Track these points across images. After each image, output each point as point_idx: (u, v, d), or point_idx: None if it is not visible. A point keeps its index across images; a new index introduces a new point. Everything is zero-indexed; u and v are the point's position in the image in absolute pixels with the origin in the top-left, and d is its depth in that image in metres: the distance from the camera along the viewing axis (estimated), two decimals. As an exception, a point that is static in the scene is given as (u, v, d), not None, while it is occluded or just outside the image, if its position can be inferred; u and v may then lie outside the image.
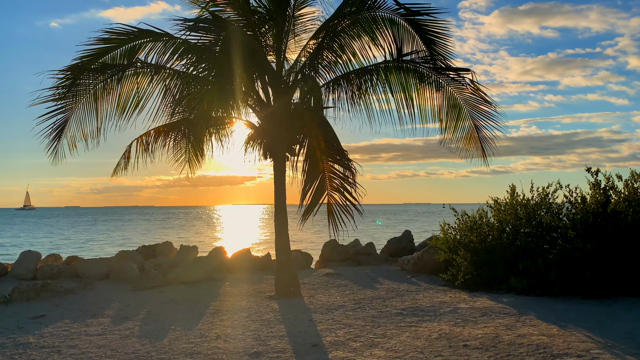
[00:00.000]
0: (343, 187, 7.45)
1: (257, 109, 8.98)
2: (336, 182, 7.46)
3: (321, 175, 7.43)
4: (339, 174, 7.56)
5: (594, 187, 9.41)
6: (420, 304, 8.11)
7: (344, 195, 7.43)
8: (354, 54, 8.73)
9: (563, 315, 7.16)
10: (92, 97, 8.17)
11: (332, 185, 7.42)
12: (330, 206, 7.38)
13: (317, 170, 7.46)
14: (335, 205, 7.38)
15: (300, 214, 7.58)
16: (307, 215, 7.62)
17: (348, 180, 7.50)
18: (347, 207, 7.42)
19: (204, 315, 7.68)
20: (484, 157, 8.86)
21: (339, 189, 7.44)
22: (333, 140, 7.81)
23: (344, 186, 7.46)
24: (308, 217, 7.64)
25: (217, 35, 7.27)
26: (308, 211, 7.56)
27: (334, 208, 7.37)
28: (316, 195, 7.47)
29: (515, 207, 9.90)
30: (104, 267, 10.74)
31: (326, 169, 7.45)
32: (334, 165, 7.60)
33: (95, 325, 7.22)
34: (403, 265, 11.78)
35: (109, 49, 8.00)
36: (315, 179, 7.49)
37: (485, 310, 7.55)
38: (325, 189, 7.40)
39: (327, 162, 7.50)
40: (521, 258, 9.06)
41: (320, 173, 7.44)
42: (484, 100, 8.31)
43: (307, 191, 7.56)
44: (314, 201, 7.50)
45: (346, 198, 7.42)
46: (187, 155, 10.94)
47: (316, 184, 7.50)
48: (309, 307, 8.10)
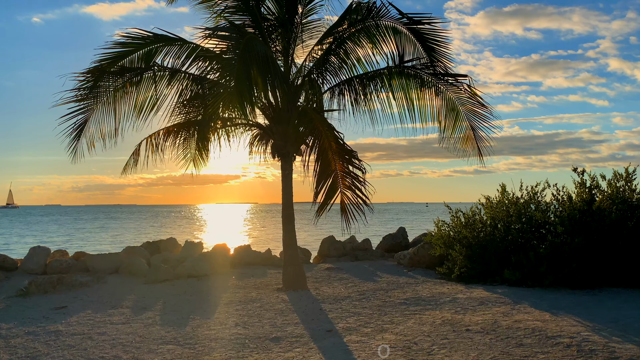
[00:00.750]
0: (355, 185, 7.98)
1: (266, 111, 9.45)
2: (348, 180, 7.99)
3: (334, 174, 7.96)
4: (350, 173, 8.09)
5: (580, 186, 10.07)
6: (421, 295, 8.67)
7: (355, 193, 7.96)
8: (359, 59, 9.26)
9: (554, 304, 7.78)
10: (111, 98, 8.56)
11: (345, 184, 7.95)
12: (343, 204, 7.91)
13: (329, 169, 7.98)
14: (348, 203, 7.93)
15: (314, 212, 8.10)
16: (322, 212, 8.13)
17: (359, 179, 8.03)
18: (359, 204, 7.96)
19: (219, 306, 8.13)
20: (480, 157, 9.44)
21: (350, 187, 7.98)
22: (341, 141, 8.32)
23: (355, 184, 7.98)
24: (322, 213, 8.15)
25: (235, 42, 7.73)
26: (322, 208, 8.08)
27: (347, 206, 7.92)
28: (329, 194, 8.00)
29: (506, 205, 10.53)
30: (114, 262, 11.11)
31: (338, 169, 7.97)
32: (345, 164, 8.12)
33: (118, 315, 7.63)
34: (399, 260, 12.35)
35: (127, 53, 8.38)
36: (328, 178, 8.01)
37: (482, 300, 8.13)
38: (338, 187, 7.94)
39: (339, 162, 8.02)
40: (513, 252, 9.69)
41: (332, 172, 7.97)
42: (480, 104, 8.89)
43: (320, 190, 8.09)
44: (327, 199, 8.02)
45: (357, 196, 7.95)
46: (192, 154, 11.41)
47: (329, 183, 8.02)
48: (317, 298, 8.61)
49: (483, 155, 9.30)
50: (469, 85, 8.77)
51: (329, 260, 13.23)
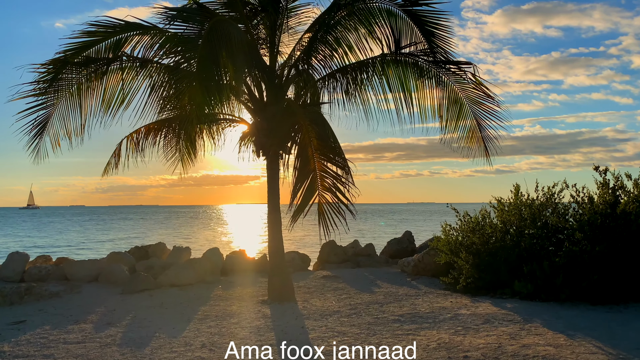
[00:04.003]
0: (335, 186, 7.03)
1: (249, 105, 8.60)
2: (328, 181, 7.03)
3: (312, 174, 7.01)
4: (331, 172, 7.14)
5: (603, 187, 8.97)
6: (419, 310, 7.71)
7: (335, 196, 7.01)
8: (350, 47, 8.34)
9: (571, 323, 6.75)
10: (75, 92, 7.80)
11: (324, 185, 6.99)
12: (321, 206, 6.95)
13: (308, 168, 7.03)
14: (326, 205, 6.96)
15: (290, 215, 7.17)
16: (297, 217, 7.23)
17: (341, 179, 7.08)
18: (339, 207, 6.99)
19: (192, 321, 7.30)
20: (487, 156, 8.46)
21: (330, 188, 7.02)
22: (327, 138, 7.40)
23: (337, 186, 7.03)
24: (297, 218, 7.25)
25: (201, 25, 6.87)
26: (298, 212, 7.16)
27: (325, 208, 6.95)
28: (307, 195, 7.04)
29: (519, 208, 9.49)
30: (94, 269, 10.39)
31: (317, 168, 7.01)
32: (326, 163, 7.18)
33: (76, 332, 6.85)
34: (403, 267, 11.38)
35: (93, 42, 7.57)
36: (306, 178, 7.07)
37: (488, 317, 7.14)
38: (316, 188, 6.98)
39: (319, 160, 7.07)
40: (526, 261, 8.65)
41: (311, 172, 7.02)
42: (487, 96, 7.90)
43: (297, 190, 7.14)
44: (304, 201, 7.08)
45: (338, 198, 7.00)
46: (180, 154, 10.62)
47: (307, 183, 7.07)
48: (302, 312, 7.71)
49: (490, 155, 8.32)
50: (473, 74, 7.79)
51: (328, 266, 12.32)
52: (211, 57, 6.11)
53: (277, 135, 8.13)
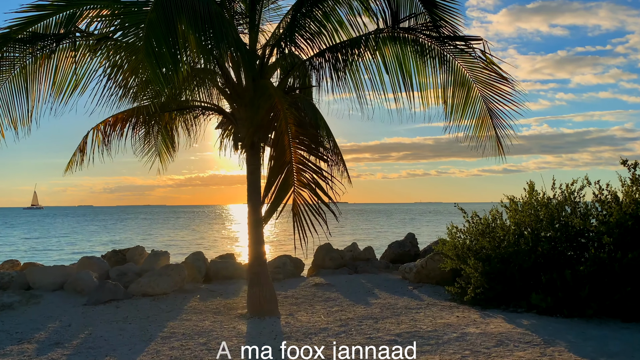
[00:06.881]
0: (315, 182, 5.90)
1: (226, 90, 7.52)
2: (306, 175, 5.89)
3: (288, 167, 5.87)
4: (311, 165, 6.00)
5: (632, 184, 7.80)
6: (419, 328, 6.58)
7: (314, 192, 5.87)
8: (341, 22, 7.25)
9: (601, 346, 5.61)
10: (20, 74, 6.73)
11: (301, 180, 5.85)
12: (296, 206, 5.81)
13: (284, 160, 5.89)
14: (303, 204, 5.82)
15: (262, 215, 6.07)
16: (268, 218, 6.13)
17: (322, 173, 5.96)
18: (318, 206, 5.85)
19: (153, 341, 6.23)
20: (500, 148, 7.33)
21: (309, 184, 5.88)
22: (310, 125, 6.29)
23: (317, 181, 5.90)
24: (269, 219, 6.15)
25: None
26: (270, 212, 6.05)
27: (301, 208, 5.80)
28: (280, 192, 5.91)
29: (535, 207, 8.34)
30: (59, 277, 9.32)
31: (294, 160, 5.87)
32: (306, 154, 6.05)
33: (14, 354, 5.80)
34: (404, 274, 10.26)
35: (41, 17, 6.53)
36: (281, 172, 5.93)
37: (501, 338, 6.00)
38: (291, 183, 5.84)
39: (297, 151, 5.93)
40: (544, 269, 7.51)
41: (287, 164, 5.88)
42: (499, 77, 6.76)
43: (272, 184, 6.00)
44: (277, 199, 5.94)
45: (317, 196, 5.86)
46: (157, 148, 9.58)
47: (281, 177, 5.93)
48: (284, 330, 6.61)
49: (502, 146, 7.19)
50: (483, 51, 6.66)
51: (323, 272, 11.20)
52: (165, 23, 5.02)
53: (256, 125, 7.04)
